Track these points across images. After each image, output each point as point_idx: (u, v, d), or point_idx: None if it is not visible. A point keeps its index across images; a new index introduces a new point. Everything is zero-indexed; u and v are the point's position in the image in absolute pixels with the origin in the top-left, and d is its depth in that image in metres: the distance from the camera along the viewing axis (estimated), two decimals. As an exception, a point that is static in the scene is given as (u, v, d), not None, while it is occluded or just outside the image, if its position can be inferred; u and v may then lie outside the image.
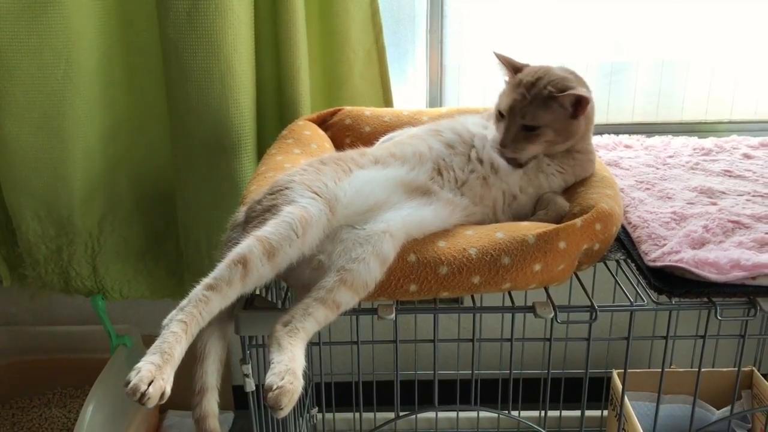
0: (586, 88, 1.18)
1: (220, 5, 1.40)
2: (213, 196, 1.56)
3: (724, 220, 1.12)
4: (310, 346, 0.98)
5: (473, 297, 1.10)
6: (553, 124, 1.15)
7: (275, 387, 0.82)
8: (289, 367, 0.85)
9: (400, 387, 1.19)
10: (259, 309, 1.04)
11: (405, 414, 1.22)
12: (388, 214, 1.02)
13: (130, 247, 1.70)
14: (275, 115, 1.60)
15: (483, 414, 1.79)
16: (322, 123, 1.47)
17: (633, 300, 1.09)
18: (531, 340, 1.35)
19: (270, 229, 0.96)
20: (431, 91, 1.81)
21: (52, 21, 1.42)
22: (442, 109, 1.50)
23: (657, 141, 1.57)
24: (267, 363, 0.88)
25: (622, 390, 1.24)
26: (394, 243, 0.98)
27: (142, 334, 1.78)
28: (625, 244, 1.14)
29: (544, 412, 1.22)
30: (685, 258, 1.01)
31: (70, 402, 1.88)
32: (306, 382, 0.92)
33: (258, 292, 1.05)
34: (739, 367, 1.15)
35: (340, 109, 1.48)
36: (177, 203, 1.64)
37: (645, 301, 1.05)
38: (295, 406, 0.87)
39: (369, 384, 1.67)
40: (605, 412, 1.68)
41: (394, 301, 1.04)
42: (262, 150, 1.57)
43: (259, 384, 1.09)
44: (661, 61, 1.83)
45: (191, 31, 1.42)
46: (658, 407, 1.21)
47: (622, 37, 1.82)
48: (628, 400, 1.50)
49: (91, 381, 1.59)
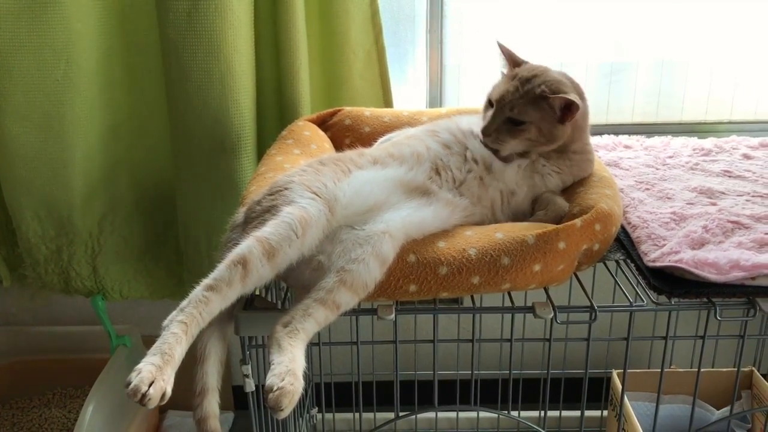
0: (580, 96, 1.18)
1: (220, 5, 1.40)
2: (213, 196, 1.56)
3: (723, 220, 1.12)
4: (310, 347, 0.98)
5: (473, 297, 1.10)
6: (538, 123, 1.14)
7: (276, 388, 0.83)
8: (289, 368, 0.85)
9: (399, 387, 1.19)
10: (258, 309, 1.04)
11: (405, 414, 1.22)
12: (388, 214, 1.02)
13: (130, 247, 1.70)
14: (275, 116, 1.60)
15: (483, 414, 1.79)
16: (322, 123, 1.47)
17: (632, 300, 1.08)
18: (531, 341, 1.35)
19: (270, 229, 0.96)
20: (431, 92, 1.81)
21: (52, 21, 1.42)
22: (442, 110, 1.50)
23: (657, 141, 1.58)
24: (267, 363, 0.88)
25: (621, 390, 1.25)
26: (393, 243, 0.98)
27: (142, 335, 1.78)
28: (624, 244, 1.14)
29: (544, 413, 1.22)
30: (684, 258, 1.01)
31: (70, 402, 1.87)
32: (306, 382, 0.92)
33: (258, 292, 1.05)
34: (738, 368, 1.16)
35: (339, 110, 1.48)
36: (177, 203, 1.64)
37: (644, 302, 1.05)
38: (295, 407, 0.87)
39: (369, 384, 1.67)
40: (605, 413, 1.68)
41: (394, 302, 1.04)
42: (261, 150, 1.57)
43: (259, 384, 1.09)
44: (661, 61, 1.83)
45: (191, 31, 1.42)
46: (658, 407, 1.21)
47: (622, 37, 1.81)
48: (627, 400, 1.50)
49: (91, 381, 1.58)
